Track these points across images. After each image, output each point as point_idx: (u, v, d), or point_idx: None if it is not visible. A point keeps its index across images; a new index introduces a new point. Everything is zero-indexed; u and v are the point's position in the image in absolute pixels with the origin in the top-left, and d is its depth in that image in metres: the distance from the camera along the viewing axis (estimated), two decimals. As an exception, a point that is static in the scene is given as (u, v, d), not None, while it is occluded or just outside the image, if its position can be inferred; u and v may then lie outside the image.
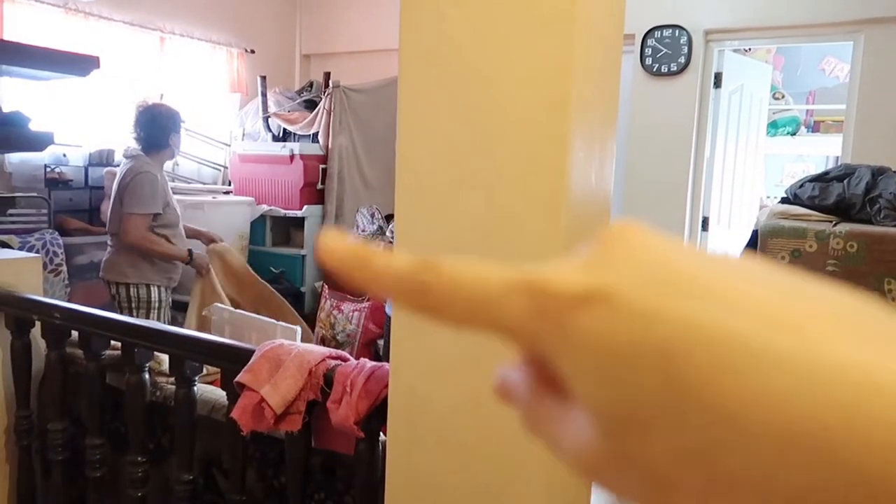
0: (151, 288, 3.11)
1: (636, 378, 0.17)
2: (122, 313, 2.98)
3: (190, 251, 3.18)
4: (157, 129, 3.14)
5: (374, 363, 1.36)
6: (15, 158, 3.77)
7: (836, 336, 0.16)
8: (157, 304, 3.13)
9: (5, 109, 2.46)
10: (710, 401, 0.16)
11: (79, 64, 2.24)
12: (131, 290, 3.08)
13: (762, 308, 0.17)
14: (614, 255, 0.20)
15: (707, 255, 0.19)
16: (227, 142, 4.95)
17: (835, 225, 2.41)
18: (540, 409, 0.22)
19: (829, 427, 0.15)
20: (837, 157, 4.31)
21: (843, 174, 2.56)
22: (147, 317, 3.08)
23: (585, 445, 0.19)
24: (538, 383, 0.22)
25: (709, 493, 0.17)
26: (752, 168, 4.65)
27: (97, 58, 2.31)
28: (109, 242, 3.18)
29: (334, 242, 0.22)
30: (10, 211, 3.55)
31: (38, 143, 2.37)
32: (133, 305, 3.09)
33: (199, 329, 3.02)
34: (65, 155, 4.02)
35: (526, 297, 0.19)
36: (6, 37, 3.56)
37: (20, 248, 3.28)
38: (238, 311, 2.88)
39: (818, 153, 5.99)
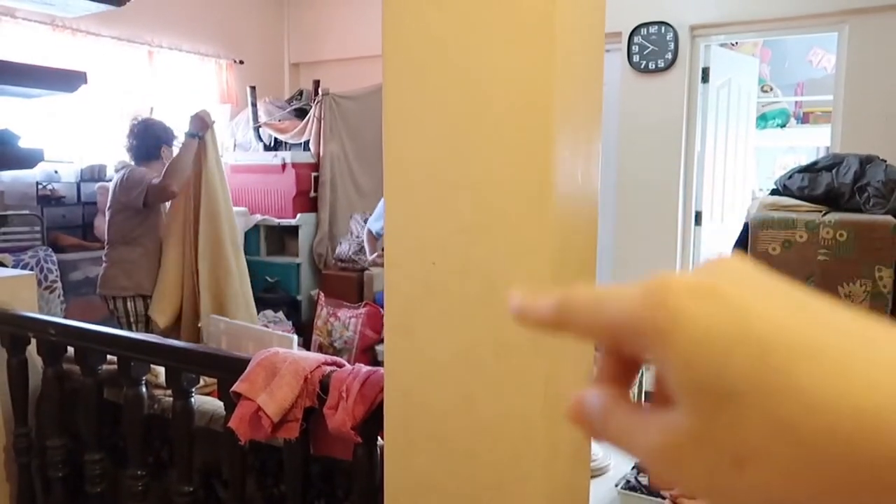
0: (148, 300, 3.10)
1: (735, 359, 0.21)
2: (121, 328, 2.98)
3: (187, 133, 3.08)
4: (150, 139, 3.17)
5: (369, 368, 1.36)
6: (6, 177, 3.76)
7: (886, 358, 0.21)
8: (154, 318, 3.12)
9: (-6, 128, 2.45)
10: (797, 383, 0.21)
11: (65, 80, 2.24)
12: (128, 303, 3.08)
13: (839, 326, 0.22)
14: (718, 268, 0.25)
15: (793, 285, 0.24)
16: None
17: (824, 214, 2.42)
18: (619, 415, 0.26)
19: (855, 429, 0.20)
20: (827, 148, 4.33)
21: (832, 164, 2.57)
22: (146, 330, 3.07)
23: (669, 432, 0.23)
24: (617, 395, 0.26)
25: (784, 465, 0.21)
26: (743, 161, 4.67)
27: (84, 73, 2.30)
28: (104, 258, 3.17)
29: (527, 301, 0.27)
30: (3, 229, 3.55)
31: (28, 160, 2.36)
32: (131, 319, 3.08)
33: (195, 340, 3.02)
34: (56, 171, 4.02)
35: (642, 292, 0.24)
36: (-7, 55, 3.55)
37: (14, 266, 3.28)
38: (234, 321, 2.87)
39: (808, 144, 6.00)
